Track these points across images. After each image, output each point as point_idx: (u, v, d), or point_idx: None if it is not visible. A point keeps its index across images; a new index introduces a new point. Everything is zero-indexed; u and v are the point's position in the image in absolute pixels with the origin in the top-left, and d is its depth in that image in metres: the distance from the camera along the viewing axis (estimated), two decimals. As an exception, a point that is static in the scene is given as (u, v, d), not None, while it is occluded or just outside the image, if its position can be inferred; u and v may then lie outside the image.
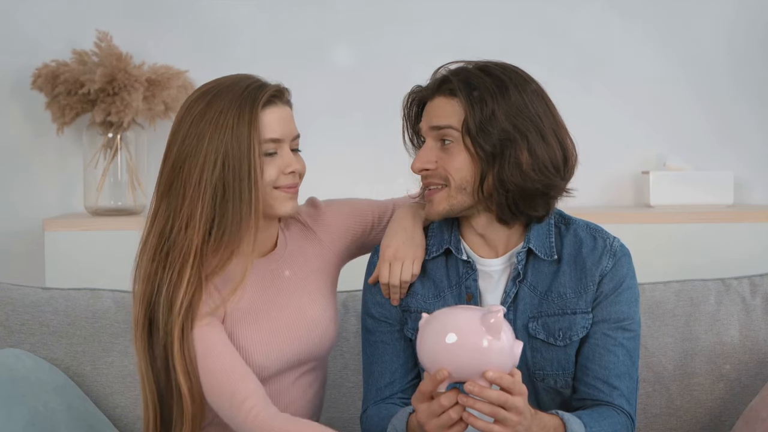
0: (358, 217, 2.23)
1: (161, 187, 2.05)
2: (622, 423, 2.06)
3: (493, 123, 2.01)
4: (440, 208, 2.07)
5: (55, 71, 3.05)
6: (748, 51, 3.25)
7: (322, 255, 2.20)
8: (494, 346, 1.80)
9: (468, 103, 2.02)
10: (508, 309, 2.08)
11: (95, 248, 2.99)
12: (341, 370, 2.51)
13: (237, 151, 2.00)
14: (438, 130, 2.05)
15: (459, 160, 2.04)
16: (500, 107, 2.01)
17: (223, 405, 2.00)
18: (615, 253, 2.11)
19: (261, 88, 2.04)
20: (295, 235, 2.19)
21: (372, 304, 2.17)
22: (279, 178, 2.05)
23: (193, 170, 2.01)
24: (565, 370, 2.09)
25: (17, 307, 2.47)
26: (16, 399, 2.20)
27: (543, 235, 2.11)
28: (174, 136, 2.05)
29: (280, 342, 2.09)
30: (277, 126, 2.05)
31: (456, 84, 2.03)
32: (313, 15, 3.22)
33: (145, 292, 2.03)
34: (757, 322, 2.54)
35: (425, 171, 2.07)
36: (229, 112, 2.01)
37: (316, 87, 3.17)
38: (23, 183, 3.22)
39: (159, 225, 2.04)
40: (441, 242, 2.14)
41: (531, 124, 2.02)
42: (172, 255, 2.01)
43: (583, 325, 2.08)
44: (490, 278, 2.11)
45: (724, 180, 3.14)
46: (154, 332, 2.02)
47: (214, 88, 2.05)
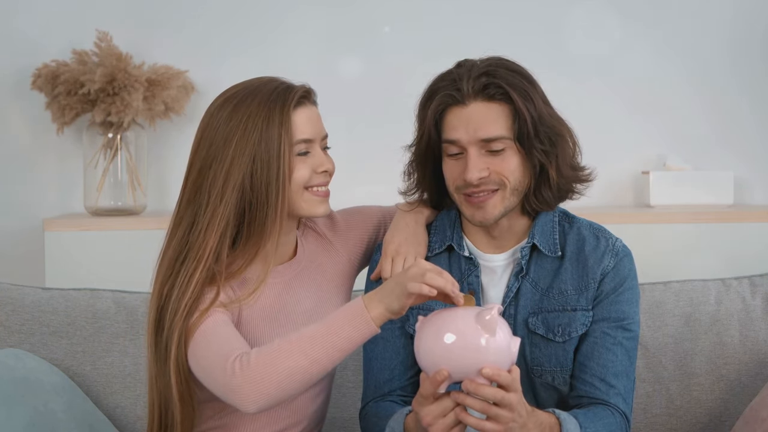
0: (370, 225, 2.24)
1: (186, 194, 2.04)
2: (618, 423, 2.06)
3: (542, 121, 2.03)
4: (496, 212, 2.06)
5: (55, 71, 3.05)
6: (748, 51, 3.25)
7: (338, 264, 2.19)
8: (491, 343, 1.80)
9: (521, 106, 2.01)
10: (509, 304, 2.09)
11: (95, 248, 2.99)
12: (341, 370, 2.51)
13: (266, 153, 1.99)
14: (488, 142, 2.02)
15: (513, 162, 2.03)
16: (540, 104, 2.03)
17: (217, 376, 1.91)
18: (617, 252, 2.12)
19: (289, 90, 2.03)
20: (312, 245, 2.19)
21: None
22: (311, 177, 2.04)
23: (218, 174, 1.99)
24: (563, 367, 2.09)
25: (17, 307, 2.47)
26: (16, 399, 2.20)
27: (547, 231, 2.11)
28: (199, 143, 2.03)
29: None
30: (308, 126, 2.04)
31: (504, 87, 2.01)
32: (314, 15, 3.22)
33: (160, 295, 2.01)
34: (757, 322, 2.54)
35: (482, 179, 2.03)
36: (258, 115, 2.00)
37: (317, 87, 3.17)
38: (23, 183, 3.22)
39: (182, 230, 2.03)
40: (443, 239, 2.14)
41: (555, 113, 2.07)
42: (188, 260, 1.99)
43: (583, 322, 2.09)
44: (493, 274, 2.12)
45: (724, 180, 3.14)
46: (160, 334, 2.01)
47: (240, 93, 2.03)
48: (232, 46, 3.20)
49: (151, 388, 2.05)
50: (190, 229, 2.01)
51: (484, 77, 2.02)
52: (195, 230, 2.00)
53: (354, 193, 2.64)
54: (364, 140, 3.20)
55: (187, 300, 1.97)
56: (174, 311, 1.97)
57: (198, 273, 1.98)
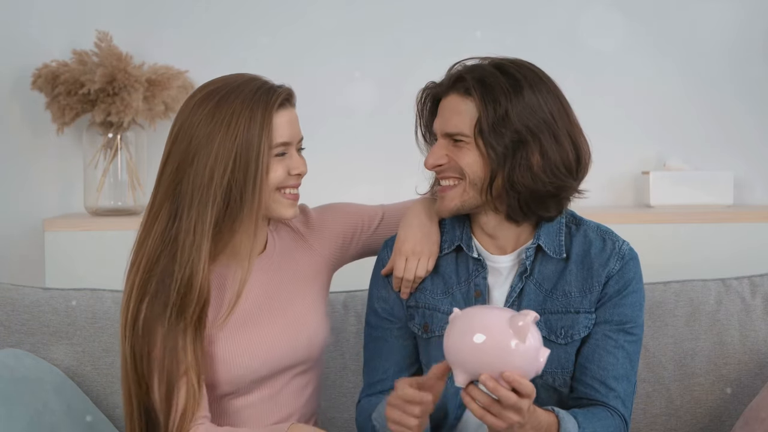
0: (347, 221, 2.24)
1: (163, 186, 2.04)
2: (616, 425, 2.06)
3: (505, 124, 2.00)
4: (452, 205, 2.07)
5: (55, 71, 3.04)
6: (748, 51, 3.25)
7: (312, 258, 2.21)
8: (520, 349, 1.81)
9: (481, 103, 2.01)
10: (512, 304, 2.09)
11: (95, 248, 2.99)
12: (341, 370, 2.51)
13: (246, 153, 2.00)
14: (450, 136, 2.05)
15: (470, 156, 2.03)
16: (514, 107, 2.00)
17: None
18: (623, 256, 2.11)
19: (272, 91, 2.04)
20: (285, 238, 2.20)
21: (377, 299, 2.18)
22: (285, 179, 2.06)
23: (201, 171, 2.00)
24: (564, 369, 2.09)
25: (17, 307, 2.47)
26: (16, 399, 2.20)
27: (553, 233, 2.11)
28: (179, 135, 2.04)
29: (267, 345, 2.10)
30: (288, 129, 2.05)
31: (471, 83, 2.02)
32: (315, 14, 3.22)
33: (144, 290, 2.02)
34: (757, 322, 2.54)
35: (438, 167, 2.07)
36: (241, 114, 2.01)
37: (317, 87, 3.17)
38: (23, 183, 3.22)
39: (161, 225, 2.04)
40: (453, 239, 2.15)
41: (544, 125, 2.02)
42: (181, 258, 2.00)
43: (586, 325, 2.09)
44: (499, 274, 2.12)
45: (724, 180, 3.14)
46: (145, 332, 2.02)
47: (222, 88, 2.04)
48: (232, 46, 3.20)
49: (129, 397, 2.06)
50: (175, 223, 2.02)
51: (465, 73, 2.04)
52: (182, 227, 2.01)
53: (354, 193, 2.64)
54: (364, 140, 3.20)
55: (194, 305, 2.00)
56: (179, 310, 2.00)
57: (200, 274, 2.00)
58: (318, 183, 2.77)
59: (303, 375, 2.16)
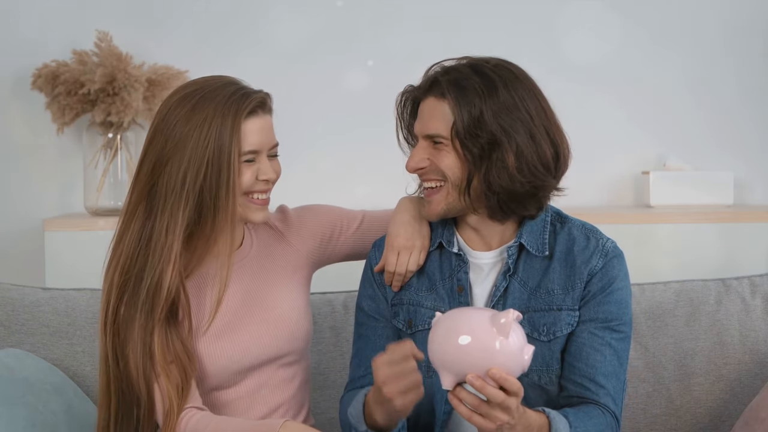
0: (325, 220, 2.27)
1: (140, 185, 2.08)
2: (608, 423, 2.06)
3: (480, 125, 2.01)
4: (438, 209, 2.09)
5: (55, 71, 3.04)
6: (748, 51, 3.25)
7: (290, 254, 2.24)
8: (504, 346, 1.81)
9: (456, 106, 2.02)
10: (496, 302, 2.10)
11: (95, 248, 2.97)
12: (341, 370, 2.51)
13: (218, 159, 2.03)
14: (430, 138, 2.06)
15: (449, 158, 2.04)
16: (488, 108, 2.01)
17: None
18: (606, 253, 2.11)
19: (245, 98, 2.07)
20: (263, 235, 2.24)
21: (364, 296, 2.21)
22: (253, 184, 2.09)
23: (174, 174, 2.04)
24: (548, 367, 2.09)
25: (17, 307, 2.47)
26: (16, 399, 2.20)
27: (537, 231, 2.11)
28: (155, 135, 2.07)
29: (249, 337, 2.13)
30: (257, 137, 2.08)
31: (445, 86, 2.03)
32: (315, 15, 3.22)
33: (123, 289, 2.06)
34: (757, 322, 2.54)
35: (420, 170, 2.08)
36: (213, 119, 2.04)
37: (317, 88, 3.17)
38: (23, 183, 3.22)
39: (138, 223, 2.08)
40: (435, 236, 2.17)
41: (520, 124, 2.02)
42: (153, 258, 2.04)
43: (568, 322, 2.09)
44: (480, 271, 2.13)
45: (724, 180, 3.14)
46: (122, 331, 2.05)
47: (198, 93, 2.07)
48: (232, 46, 3.20)
49: (107, 391, 2.08)
50: (149, 222, 2.06)
51: (439, 76, 2.05)
52: (156, 227, 2.05)
53: (354, 193, 2.65)
54: (364, 140, 3.20)
55: (162, 302, 2.04)
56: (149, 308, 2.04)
57: (169, 274, 2.04)
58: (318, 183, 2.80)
59: (289, 367, 2.19)
